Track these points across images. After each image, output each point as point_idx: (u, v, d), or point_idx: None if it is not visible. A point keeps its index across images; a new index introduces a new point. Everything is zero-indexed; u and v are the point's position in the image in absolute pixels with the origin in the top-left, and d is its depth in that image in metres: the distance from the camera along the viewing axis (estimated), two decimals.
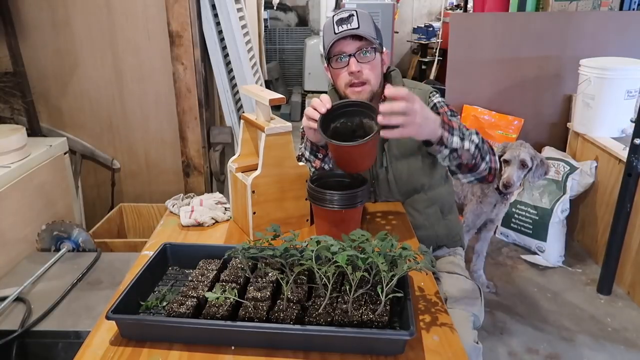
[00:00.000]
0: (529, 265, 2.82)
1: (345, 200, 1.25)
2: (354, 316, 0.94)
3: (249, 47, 2.71)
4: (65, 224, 1.99)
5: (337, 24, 1.39)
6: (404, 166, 1.52)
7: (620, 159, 2.55)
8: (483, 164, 1.35)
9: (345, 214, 1.27)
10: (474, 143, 1.30)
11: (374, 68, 1.43)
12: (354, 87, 1.43)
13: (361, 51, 1.40)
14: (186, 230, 1.45)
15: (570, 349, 2.16)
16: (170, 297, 1.09)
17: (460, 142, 1.26)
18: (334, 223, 1.28)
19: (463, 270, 1.60)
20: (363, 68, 1.41)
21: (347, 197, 1.25)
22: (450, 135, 1.25)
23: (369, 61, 1.41)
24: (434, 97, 1.53)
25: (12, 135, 1.95)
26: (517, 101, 3.36)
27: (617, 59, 2.96)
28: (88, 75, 2.40)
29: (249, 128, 1.44)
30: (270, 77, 5.67)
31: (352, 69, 1.40)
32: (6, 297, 1.58)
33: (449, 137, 1.25)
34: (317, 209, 1.31)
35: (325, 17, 5.46)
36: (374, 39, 1.41)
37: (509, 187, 2.28)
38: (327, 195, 1.25)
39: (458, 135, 1.27)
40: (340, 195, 1.25)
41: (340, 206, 1.25)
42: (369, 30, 1.39)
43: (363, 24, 1.38)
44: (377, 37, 1.43)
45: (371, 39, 1.39)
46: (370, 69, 1.42)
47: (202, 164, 2.48)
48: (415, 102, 1.17)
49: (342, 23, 1.38)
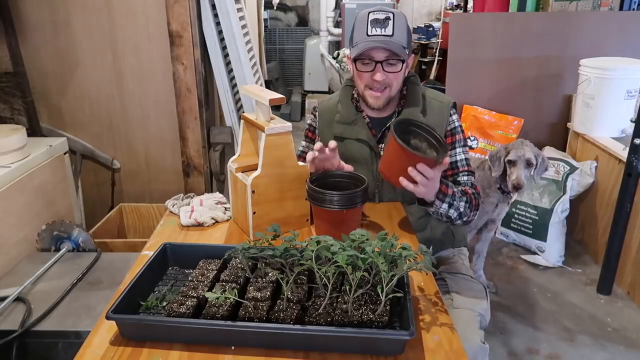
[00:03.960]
0: (529, 265, 2.82)
1: (345, 201, 1.25)
2: (354, 316, 0.94)
3: (249, 47, 2.71)
4: (65, 224, 1.99)
5: (372, 25, 1.37)
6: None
7: (620, 159, 2.55)
8: (459, 221, 1.44)
9: (344, 215, 1.27)
10: (458, 211, 1.39)
11: (397, 76, 1.44)
12: (373, 91, 1.44)
13: (389, 60, 1.40)
14: (186, 230, 1.45)
15: (570, 349, 2.16)
16: (170, 297, 1.09)
17: (447, 209, 1.37)
18: (333, 223, 1.28)
19: (468, 270, 1.60)
20: (387, 76, 1.42)
21: (346, 198, 1.25)
22: (441, 202, 1.35)
23: (396, 72, 1.42)
24: (454, 116, 1.53)
25: (12, 135, 1.95)
26: (517, 101, 3.36)
27: (617, 59, 2.96)
28: (88, 75, 2.40)
29: (249, 128, 1.44)
30: (270, 77, 5.67)
31: (377, 78, 1.41)
32: (6, 297, 1.58)
33: (440, 204, 1.35)
34: (317, 209, 1.31)
35: (326, 17, 5.47)
36: (404, 49, 1.39)
37: (519, 188, 2.27)
38: (326, 196, 1.25)
39: (448, 202, 1.36)
40: (340, 195, 1.25)
41: (339, 206, 1.25)
42: (401, 39, 1.38)
43: (398, 31, 1.37)
44: (408, 43, 1.43)
45: (400, 52, 1.38)
46: (394, 77, 1.43)
47: (202, 164, 2.48)
48: (437, 176, 1.27)
49: (377, 26, 1.37)
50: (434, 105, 1.52)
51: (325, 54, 5.38)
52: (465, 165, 1.53)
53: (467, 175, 1.52)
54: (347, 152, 1.56)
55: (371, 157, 1.54)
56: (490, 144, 3.34)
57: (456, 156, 1.52)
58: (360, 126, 1.54)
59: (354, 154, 1.55)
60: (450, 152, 1.52)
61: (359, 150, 1.55)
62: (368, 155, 1.54)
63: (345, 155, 1.57)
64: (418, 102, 1.51)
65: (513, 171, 2.27)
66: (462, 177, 1.52)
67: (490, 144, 3.35)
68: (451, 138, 1.52)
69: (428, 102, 1.53)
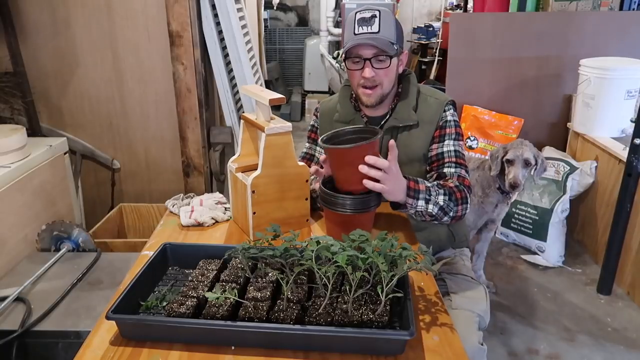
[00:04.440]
0: (529, 265, 2.82)
1: (358, 205, 1.23)
2: (354, 316, 0.94)
3: (249, 47, 2.71)
4: (65, 224, 1.99)
5: (358, 24, 1.38)
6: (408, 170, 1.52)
7: (620, 159, 2.55)
8: (445, 217, 1.37)
9: (357, 218, 1.24)
10: (438, 205, 1.33)
11: (388, 72, 1.43)
12: (365, 89, 1.44)
13: (377, 57, 1.39)
14: (186, 230, 1.45)
15: (570, 349, 2.16)
16: (170, 297, 1.09)
17: (424, 205, 1.31)
18: (344, 227, 1.25)
19: (469, 270, 1.60)
20: (377, 73, 1.41)
21: (359, 202, 1.23)
22: (415, 200, 1.30)
23: (384, 67, 1.41)
24: (448, 112, 1.50)
25: (12, 135, 1.95)
26: (517, 101, 3.36)
27: (617, 59, 2.96)
28: (88, 75, 2.40)
29: (249, 128, 1.44)
30: (270, 77, 5.67)
31: (366, 74, 1.40)
32: (6, 297, 1.58)
33: (414, 202, 1.30)
34: (328, 213, 1.29)
35: (326, 17, 5.47)
36: (392, 45, 1.39)
37: (516, 188, 2.27)
38: (339, 199, 1.23)
39: (424, 199, 1.31)
40: (353, 199, 1.23)
41: (352, 210, 1.23)
42: (389, 34, 1.38)
43: (384, 27, 1.37)
44: (398, 39, 1.42)
45: (387, 48, 1.38)
46: (385, 74, 1.42)
47: (202, 164, 2.48)
48: (393, 165, 1.24)
49: (363, 24, 1.37)
50: (429, 102, 1.51)
51: (325, 54, 5.39)
52: (454, 157, 1.46)
53: (454, 167, 1.45)
54: None
55: None
56: (490, 144, 3.34)
57: (443, 147, 1.47)
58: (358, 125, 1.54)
59: None
60: (438, 144, 1.48)
61: None
62: None
63: None
64: (411, 99, 1.50)
65: (511, 170, 2.27)
66: (447, 169, 1.46)
67: (490, 144, 3.35)
68: (439, 131, 1.48)
69: (423, 99, 1.51)
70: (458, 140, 1.49)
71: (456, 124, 1.51)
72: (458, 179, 1.42)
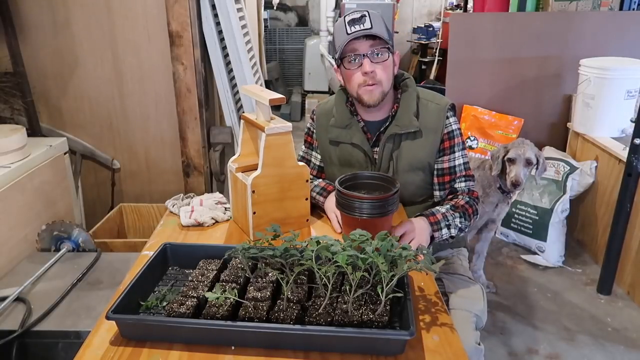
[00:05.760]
0: (529, 265, 2.82)
1: (377, 209, 1.21)
2: (354, 316, 0.94)
3: (249, 47, 2.71)
4: (65, 224, 1.99)
5: (350, 25, 1.38)
6: (412, 178, 1.53)
7: (620, 159, 2.55)
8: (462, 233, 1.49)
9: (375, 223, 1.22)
10: (457, 227, 1.43)
11: (386, 69, 1.43)
12: (366, 87, 1.43)
13: (374, 52, 1.39)
14: (186, 230, 1.45)
15: (570, 349, 2.16)
16: (170, 297, 1.09)
17: (447, 232, 1.41)
18: None
19: (466, 270, 1.60)
20: (376, 68, 1.41)
21: (378, 206, 1.21)
22: (439, 231, 1.40)
23: (382, 61, 1.41)
24: (451, 118, 1.51)
25: (12, 135, 1.95)
26: (517, 101, 3.36)
27: (617, 59, 2.96)
28: (88, 75, 2.39)
29: (249, 128, 1.44)
30: (270, 77, 5.67)
31: (366, 69, 1.40)
32: (6, 297, 1.58)
33: (439, 233, 1.40)
34: (346, 217, 1.28)
35: (326, 17, 5.47)
36: (387, 39, 1.40)
37: (517, 186, 2.27)
38: (356, 203, 1.22)
39: (445, 226, 1.41)
40: (371, 203, 1.21)
41: (370, 215, 1.21)
42: (381, 31, 1.39)
43: (376, 25, 1.38)
44: (389, 38, 1.43)
45: (384, 39, 1.39)
46: (383, 70, 1.42)
47: (202, 164, 2.48)
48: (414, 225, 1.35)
49: (355, 23, 1.38)
50: (430, 108, 1.50)
51: (325, 54, 5.38)
52: (464, 170, 1.52)
53: (465, 181, 1.52)
54: (342, 156, 1.56)
55: (366, 162, 1.53)
56: (490, 144, 3.34)
57: (455, 161, 1.51)
58: (354, 130, 1.53)
59: (348, 158, 1.55)
60: (449, 157, 1.51)
61: (354, 154, 1.54)
62: (363, 160, 1.54)
63: (340, 159, 1.57)
64: (411, 105, 1.49)
65: (512, 169, 2.27)
66: (459, 184, 1.52)
67: (490, 144, 3.35)
68: (449, 142, 1.50)
69: (423, 105, 1.51)
70: (464, 150, 1.54)
71: (460, 132, 1.54)
72: (468, 194, 1.51)
